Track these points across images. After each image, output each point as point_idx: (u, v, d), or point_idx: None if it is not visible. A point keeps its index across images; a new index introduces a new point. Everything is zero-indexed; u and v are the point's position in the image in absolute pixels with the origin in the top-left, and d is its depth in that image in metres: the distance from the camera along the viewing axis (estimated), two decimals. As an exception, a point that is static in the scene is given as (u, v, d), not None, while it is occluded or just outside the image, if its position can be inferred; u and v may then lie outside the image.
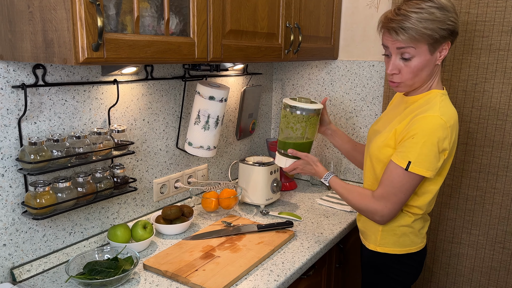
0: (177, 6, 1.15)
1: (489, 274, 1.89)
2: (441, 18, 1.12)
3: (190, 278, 1.20)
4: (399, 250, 1.31)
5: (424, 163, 1.15)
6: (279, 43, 1.57)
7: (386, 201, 1.22)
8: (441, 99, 1.20)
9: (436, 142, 1.13)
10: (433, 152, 1.14)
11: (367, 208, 1.26)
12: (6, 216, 1.17)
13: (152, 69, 1.53)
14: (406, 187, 1.19)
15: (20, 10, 0.98)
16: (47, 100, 1.22)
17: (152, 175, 1.61)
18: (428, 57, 1.16)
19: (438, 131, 1.13)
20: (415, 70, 1.18)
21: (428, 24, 1.11)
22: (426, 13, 1.11)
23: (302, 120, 1.44)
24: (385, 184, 1.21)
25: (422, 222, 1.33)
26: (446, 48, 1.17)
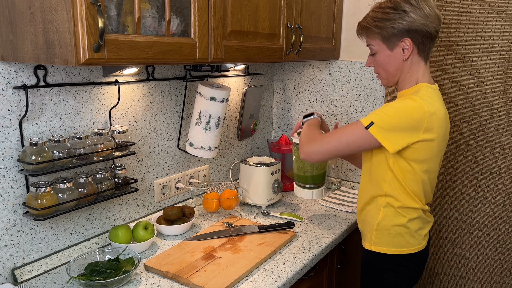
0: (178, 7, 1.15)
1: (491, 275, 1.88)
2: (392, 17, 1.22)
3: (191, 279, 1.20)
4: (393, 250, 1.31)
5: (389, 132, 1.17)
6: (280, 43, 1.57)
7: (321, 144, 1.26)
8: (427, 90, 1.23)
9: (406, 118, 1.16)
10: (400, 125, 1.16)
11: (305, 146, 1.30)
12: (8, 217, 1.17)
13: (153, 70, 1.53)
14: (353, 144, 1.21)
15: (21, 11, 0.98)
16: (48, 101, 1.22)
17: (153, 175, 1.61)
18: (389, 52, 1.26)
19: (412, 110, 1.16)
20: (381, 64, 1.30)
21: (378, 22, 1.24)
22: (381, 12, 1.24)
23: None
24: (337, 131, 1.25)
25: (420, 223, 1.31)
26: (407, 45, 1.23)
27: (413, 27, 1.20)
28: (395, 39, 1.24)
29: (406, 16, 1.20)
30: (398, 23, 1.21)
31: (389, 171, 1.26)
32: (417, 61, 1.26)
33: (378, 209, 1.31)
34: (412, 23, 1.20)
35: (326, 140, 1.25)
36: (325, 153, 1.25)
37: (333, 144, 1.24)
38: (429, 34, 1.23)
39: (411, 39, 1.22)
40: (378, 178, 1.29)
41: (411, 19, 1.20)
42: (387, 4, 1.24)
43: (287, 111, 2.27)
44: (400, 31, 1.22)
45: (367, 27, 1.28)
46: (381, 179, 1.28)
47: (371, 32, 1.27)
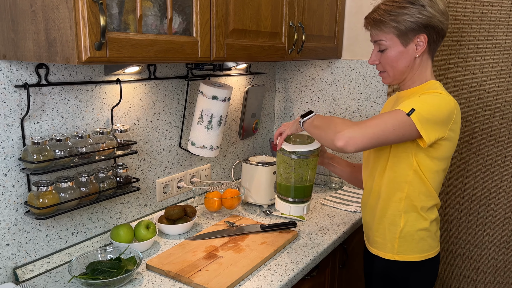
0: (180, 5, 1.14)
1: (494, 275, 1.88)
2: (410, 11, 1.16)
3: (193, 279, 1.19)
4: (419, 256, 1.25)
5: (426, 122, 1.09)
6: (283, 42, 1.56)
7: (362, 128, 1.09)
8: (439, 85, 1.22)
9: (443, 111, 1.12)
10: (438, 116, 1.11)
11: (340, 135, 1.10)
12: (9, 216, 1.16)
13: (155, 69, 1.53)
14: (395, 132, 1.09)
15: (23, 10, 0.97)
16: (50, 100, 1.22)
17: (155, 175, 1.61)
18: (401, 49, 1.20)
19: (445, 103, 1.13)
20: (390, 61, 1.22)
21: (395, 16, 1.17)
22: (396, 6, 1.18)
23: (305, 164, 1.34)
24: (377, 117, 1.12)
25: (436, 224, 1.28)
26: (422, 41, 1.18)
27: (431, 22, 1.16)
28: (412, 34, 1.18)
29: (424, 10, 1.15)
30: (417, 17, 1.15)
31: (411, 171, 1.19)
32: (426, 59, 1.23)
33: (398, 215, 1.24)
34: (431, 19, 1.16)
35: (370, 124, 1.10)
36: (370, 138, 1.08)
37: (380, 128, 1.09)
38: (443, 32, 1.20)
39: (427, 35, 1.18)
40: (399, 180, 1.22)
41: (429, 14, 1.15)
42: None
43: (289, 110, 2.26)
44: (418, 25, 1.16)
45: (381, 20, 1.19)
46: (402, 180, 1.21)
47: (386, 26, 1.19)
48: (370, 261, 1.38)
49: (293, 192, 1.38)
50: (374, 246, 1.33)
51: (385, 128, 1.09)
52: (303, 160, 1.34)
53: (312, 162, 1.36)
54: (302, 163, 1.34)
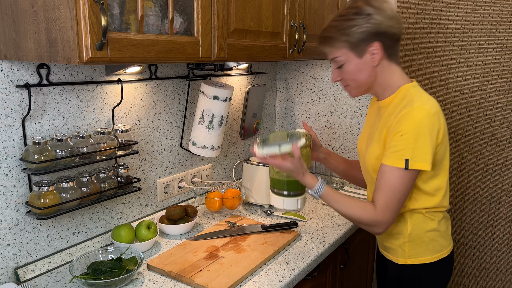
0: (181, 5, 1.14)
1: (495, 276, 1.87)
2: (358, 22, 1.16)
3: (194, 279, 1.19)
4: (431, 258, 1.24)
5: (423, 156, 1.11)
6: (284, 42, 1.56)
7: (390, 209, 1.15)
8: (414, 90, 1.19)
9: (427, 132, 1.11)
10: (428, 143, 1.11)
11: (372, 221, 1.17)
12: (10, 216, 1.16)
13: (156, 69, 1.53)
14: (407, 188, 1.14)
15: (24, 10, 0.97)
16: (51, 100, 1.22)
17: (156, 175, 1.60)
18: (358, 61, 1.19)
19: (425, 121, 1.11)
20: (350, 75, 1.22)
21: (344, 30, 1.17)
22: (343, 19, 1.18)
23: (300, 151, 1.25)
24: (386, 191, 1.14)
25: (446, 222, 1.28)
26: (376, 49, 1.17)
27: (380, 29, 1.16)
28: (364, 45, 1.17)
29: (371, 18, 1.15)
30: (365, 27, 1.15)
31: None
32: (388, 65, 1.21)
33: (404, 219, 1.24)
34: (379, 25, 1.15)
35: (386, 200, 1.14)
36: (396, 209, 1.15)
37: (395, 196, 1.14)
38: (396, 36, 1.19)
39: (380, 42, 1.16)
40: None
41: (377, 21, 1.15)
42: (349, 10, 1.19)
43: (290, 110, 2.26)
44: (368, 34, 1.16)
45: (331, 37, 1.20)
46: None
47: (337, 42, 1.19)
48: (383, 263, 1.38)
49: (286, 185, 1.32)
50: (386, 250, 1.33)
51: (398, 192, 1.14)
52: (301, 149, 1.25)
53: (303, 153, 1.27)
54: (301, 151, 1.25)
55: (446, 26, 1.79)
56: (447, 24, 1.78)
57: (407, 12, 1.85)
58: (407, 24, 1.86)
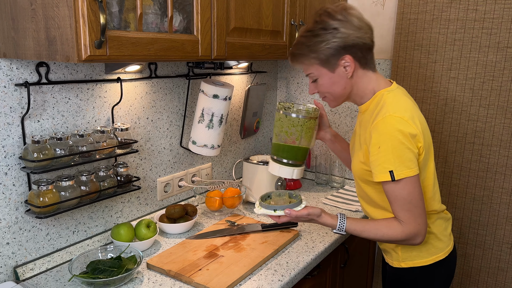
0: (180, 4, 1.14)
1: (496, 275, 1.87)
2: (324, 37, 1.14)
3: (194, 278, 1.19)
4: (425, 261, 1.22)
5: (404, 164, 1.09)
6: (284, 41, 1.56)
7: (415, 217, 1.12)
8: (388, 96, 1.17)
9: (401, 139, 1.08)
10: (404, 150, 1.09)
11: (406, 236, 1.14)
12: (10, 214, 1.16)
13: (155, 67, 1.52)
14: (417, 191, 1.11)
15: (23, 8, 0.97)
16: (50, 98, 1.22)
17: (156, 173, 1.60)
18: (330, 75, 1.18)
19: (397, 128, 1.09)
20: (325, 88, 1.22)
21: (312, 47, 1.16)
22: (310, 35, 1.16)
23: (298, 124, 1.32)
24: (399, 204, 1.12)
25: (442, 223, 1.25)
26: (347, 62, 1.16)
27: (348, 42, 1.13)
28: (334, 59, 1.16)
29: (338, 32, 1.13)
30: (333, 42, 1.13)
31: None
32: (363, 74, 1.19)
33: None
34: (347, 38, 1.13)
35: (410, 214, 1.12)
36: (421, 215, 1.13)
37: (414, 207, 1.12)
38: (366, 45, 1.16)
39: (350, 55, 1.15)
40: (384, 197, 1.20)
41: (344, 35, 1.13)
42: (315, 25, 1.17)
43: (290, 109, 2.26)
44: (337, 49, 1.14)
45: (300, 54, 1.19)
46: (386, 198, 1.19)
47: (307, 59, 1.19)
48: (384, 264, 1.39)
49: (285, 152, 1.34)
50: (384, 253, 1.34)
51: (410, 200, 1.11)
52: (297, 119, 1.31)
53: (306, 124, 1.32)
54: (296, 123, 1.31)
55: (446, 25, 1.78)
56: (447, 23, 1.78)
57: (408, 11, 1.84)
58: (408, 23, 1.85)
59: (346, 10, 1.15)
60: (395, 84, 1.23)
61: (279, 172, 1.37)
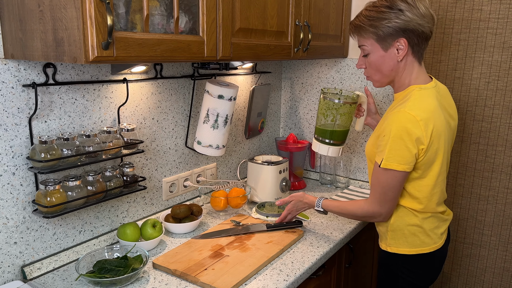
0: (186, 5, 1.15)
1: (501, 275, 1.86)
2: (388, 16, 1.18)
3: (199, 277, 1.20)
4: (409, 250, 1.29)
5: (395, 158, 1.16)
6: (289, 41, 1.56)
7: (378, 201, 1.25)
8: (417, 93, 1.21)
9: (403, 136, 1.14)
10: (401, 146, 1.15)
11: (365, 213, 1.29)
12: (17, 214, 1.17)
13: (161, 68, 1.53)
14: (391, 184, 1.20)
15: (31, 9, 0.98)
16: (57, 99, 1.23)
17: (162, 173, 1.61)
18: (382, 53, 1.23)
19: (405, 125, 1.14)
20: (374, 66, 1.27)
21: (373, 22, 1.20)
22: (375, 11, 1.21)
23: (333, 107, 1.54)
24: (373, 184, 1.25)
25: (435, 221, 1.28)
26: (402, 45, 1.20)
27: (409, 26, 1.17)
28: (390, 39, 1.20)
29: (402, 15, 1.17)
30: (394, 22, 1.17)
31: None
32: (411, 62, 1.24)
33: None
34: (409, 22, 1.17)
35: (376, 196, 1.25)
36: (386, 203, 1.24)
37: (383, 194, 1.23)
38: (425, 34, 1.20)
39: (406, 39, 1.19)
40: None
41: (407, 18, 1.17)
42: (382, 2, 1.20)
43: (295, 110, 2.26)
44: (396, 30, 1.18)
45: (360, 26, 1.24)
46: None
47: (365, 32, 1.23)
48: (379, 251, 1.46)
49: (322, 132, 1.62)
50: (379, 237, 1.40)
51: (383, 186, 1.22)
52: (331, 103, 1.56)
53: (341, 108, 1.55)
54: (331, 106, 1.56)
55: (451, 25, 1.78)
56: (452, 23, 1.78)
57: (413, 10, 1.84)
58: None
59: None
60: (433, 82, 1.26)
61: (318, 149, 1.64)
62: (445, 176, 1.28)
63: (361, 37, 1.26)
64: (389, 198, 1.23)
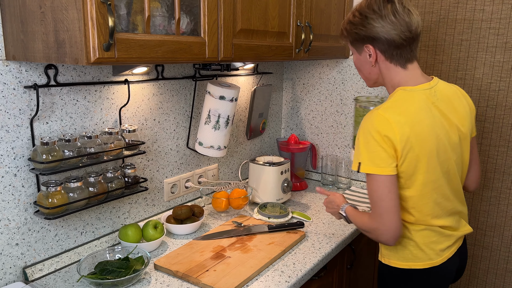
0: (187, 6, 1.14)
1: (504, 277, 1.86)
2: (357, 21, 1.18)
3: (201, 279, 1.19)
4: (400, 264, 1.21)
5: (372, 161, 1.09)
6: (290, 42, 1.56)
7: (375, 214, 1.13)
8: (399, 95, 1.16)
9: (374, 137, 1.09)
10: (377, 147, 1.09)
11: (368, 228, 1.18)
12: (19, 215, 1.17)
13: (162, 69, 1.53)
14: (378, 193, 1.11)
15: (32, 11, 0.98)
16: (58, 100, 1.23)
17: (163, 175, 1.61)
18: (358, 56, 1.25)
19: (374, 126, 1.10)
20: (356, 66, 1.30)
21: (347, 26, 1.23)
22: (352, 15, 1.21)
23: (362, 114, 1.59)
24: (369, 198, 1.15)
25: (432, 235, 1.18)
26: (370, 51, 1.18)
27: (371, 34, 1.15)
28: (359, 44, 1.21)
29: (366, 23, 1.16)
30: (360, 29, 1.17)
31: None
32: (388, 67, 1.19)
33: None
34: (371, 31, 1.15)
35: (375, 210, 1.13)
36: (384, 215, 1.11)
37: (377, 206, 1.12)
38: (392, 41, 1.14)
39: (372, 46, 1.17)
40: None
41: (371, 26, 1.15)
42: (358, 7, 1.20)
43: (296, 110, 2.26)
44: (361, 37, 1.18)
45: (342, 29, 1.27)
46: None
47: (343, 35, 1.27)
48: None
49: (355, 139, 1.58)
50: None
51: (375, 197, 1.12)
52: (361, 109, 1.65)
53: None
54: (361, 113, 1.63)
55: (453, 25, 1.78)
56: (454, 23, 1.77)
57: (414, 11, 1.84)
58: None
59: (387, 2, 1.14)
60: (426, 84, 1.18)
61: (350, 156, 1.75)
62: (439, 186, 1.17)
63: (343, 38, 1.29)
64: (382, 210, 1.10)
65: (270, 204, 1.70)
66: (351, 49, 1.27)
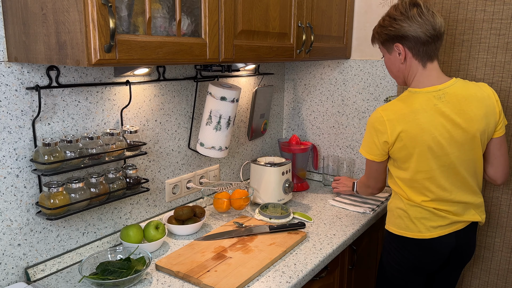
0: (188, 7, 1.15)
1: (505, 277, 1.85)
2: (386, 23, 1.36)
3: (202, 279, 1.20)
4: (394, 230, 1.42)
5: (365, 147, 1.41)
6: (291, 43, 1.56)
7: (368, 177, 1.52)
8: (403, 96, 1.36)
9: (371, 130, 1.37)
10: (371, 139, 1.37)
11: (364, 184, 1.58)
12: (21, 216, 1.18)
13: (164, 70, 1.54)
14: (369, 168, 1.47)
15: (34, 13, 0.99)
16: (60, 101, 1.23)
17: (164, 175, 1.61)
18: (388, 56, 1.41)
19: (373, 123, 1.36)
20: (386, 66, 1.46)
21: (378, 29, 1.40)
22: (382, 19, 1.40)
23: None
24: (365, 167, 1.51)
25: (424, 213, 1.36)
26: (399, 49, 1.34)
27: (400, 33, 1.32)
28: (389, 44, 1.37)
29: (395, 23, 1.32)
30: (389, 30, 1.34)
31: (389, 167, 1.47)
32: (414, 64, 1.35)
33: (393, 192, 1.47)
34: (399, 30, 1.32)
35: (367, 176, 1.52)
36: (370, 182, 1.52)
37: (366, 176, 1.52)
38: (419, 39, 1.30)
39: (401, 44, 1.33)
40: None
41: (398, 26, 1.31)
42: (387, 13, 1.37)
43: (297, 111, 2.26)
44: (391, 37, 1.35)
45: (374, 32, 1.44)
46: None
47: (374, 38, 1.44)
48: None
49: None
50: None
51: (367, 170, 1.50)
52: None
53: None
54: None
55: (455, 26, 1.77)
56: (455, 24, 1.77)
57: (416, 11, 1.83)
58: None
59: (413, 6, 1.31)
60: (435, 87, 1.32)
61: None
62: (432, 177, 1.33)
63: (375, 41, 1.45)
64: (370, 176, 1.49)
65: (272, 205, 1.71)
66: (382, 51, 1.43)
